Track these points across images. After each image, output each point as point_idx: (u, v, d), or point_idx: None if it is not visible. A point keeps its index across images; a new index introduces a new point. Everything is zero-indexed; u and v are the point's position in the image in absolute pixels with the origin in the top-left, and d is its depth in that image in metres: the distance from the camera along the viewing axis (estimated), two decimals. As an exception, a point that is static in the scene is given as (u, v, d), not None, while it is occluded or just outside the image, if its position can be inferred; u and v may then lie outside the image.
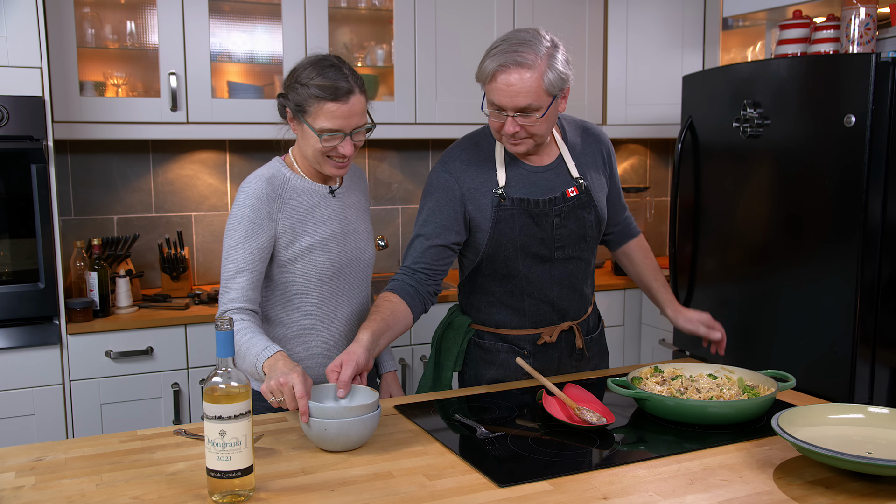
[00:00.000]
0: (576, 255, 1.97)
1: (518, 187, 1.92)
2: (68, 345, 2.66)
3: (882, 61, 2.26)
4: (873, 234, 2.32)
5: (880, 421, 1.52)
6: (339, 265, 1.88)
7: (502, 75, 1.75)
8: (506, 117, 1.79)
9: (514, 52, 1.74)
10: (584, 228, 1.96)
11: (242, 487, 1.32)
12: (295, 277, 1.86)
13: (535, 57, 1.74)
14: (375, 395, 1.61)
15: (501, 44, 1.78)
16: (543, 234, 1.92)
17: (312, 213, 1.86)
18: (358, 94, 1.77)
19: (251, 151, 3.40)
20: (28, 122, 2.52)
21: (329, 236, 1.86)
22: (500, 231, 1.90)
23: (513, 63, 1.74)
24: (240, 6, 3.16)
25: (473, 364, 2.06)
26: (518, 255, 1.92)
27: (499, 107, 1.79)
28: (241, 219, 1.80)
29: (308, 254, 1.84)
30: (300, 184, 1.87)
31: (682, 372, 1.86)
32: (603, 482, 1.39)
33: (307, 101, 1.76)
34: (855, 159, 2.31)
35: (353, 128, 1.78)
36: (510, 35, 1.79)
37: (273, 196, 1.82)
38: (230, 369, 1.32)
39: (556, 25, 3.50)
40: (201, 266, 3.37)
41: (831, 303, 2.41)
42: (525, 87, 1.74)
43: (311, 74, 1.76)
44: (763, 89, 2.61)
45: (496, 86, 1.77)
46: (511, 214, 1.90)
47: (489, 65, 1.77)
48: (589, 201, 1.96)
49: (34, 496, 1.34)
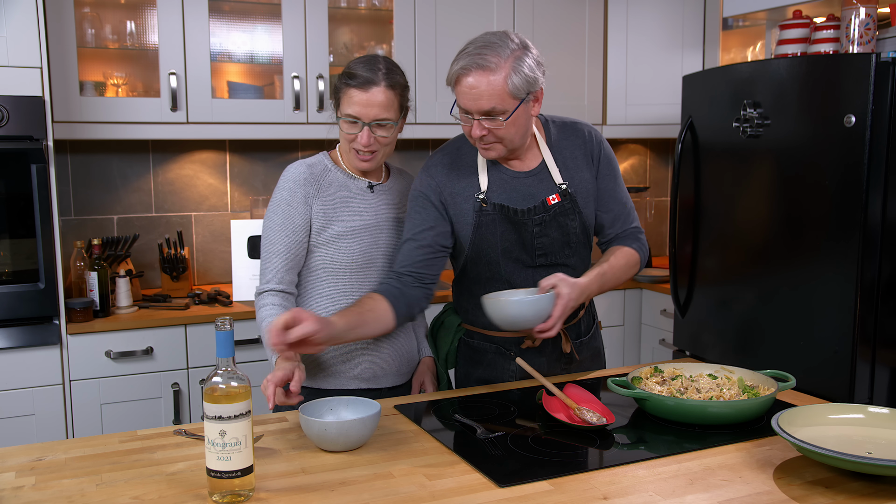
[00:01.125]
0: (560, 262, 1.94)
1: (499, 192, 1.90)
2: (68, 345, 2.66)
3: (882, 61, 2.26)
4: (873, 234, 2.32)
5: (880, 421, 1.52)
6: (369, 256, 1.93)
7: (466, 78, 1.74)
8: (472, 120, 1.78)
9: (478, 54, 1.72)
10: (567, 235, 1.93)
11: (242, 487, 1.32)
12: (325, 263, 1.92)
13: (498, 59, 1.72)
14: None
15: (468, 46, 1.77)
16: (524, 241, 1.90)
17: (348, 203, 1.93)
18: (382, 87, 1.84)
19: (251, 151, 3.40)
20: (28, 122, 2.52)
21: (362, 227, 1.92)
22: (482, 236, 1.89)
23: (475, 66, 1.72)
24: (240, 6, 3.16)
25: (463, 363, 2.07)
26: (500, 260, 1.91)
27: (465, 110, 1.78)
28: (280, 202, 1.90)
29: (338, 240, 1.90)
30: (339, 175, 1.95)
31: (682, 372, 1.86)
32: (603, 482, 1.39)
33: (339, 88, 1.88)
34: (855, 159, 2.31)
35: (371, 119, 1.84)
36: (478, 38, 1.77)
37: (311, 181, 1.90)
38: (230, 369, 1.32)
39: (556, 25, 3.50)
40: (201, 266, 3.37)
41: (831, 303, 2.41)
42: (488, 91, 1.72)
43: (348, 66, 1.88)
44: (763, 89, 2.61)
45: (460, 89, 1.76)
46: (492, 220, 1.88)
47: (453, 68, 1.77)
48: (573, 208, 1.91)
49: (34, 496, 1.34)
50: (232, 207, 3.40)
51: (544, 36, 3.48)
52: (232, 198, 3.39)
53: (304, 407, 1.58)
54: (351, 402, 1.64)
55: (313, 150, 3.48)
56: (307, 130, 3.14)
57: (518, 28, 3.41)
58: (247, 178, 3.41)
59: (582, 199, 1.93)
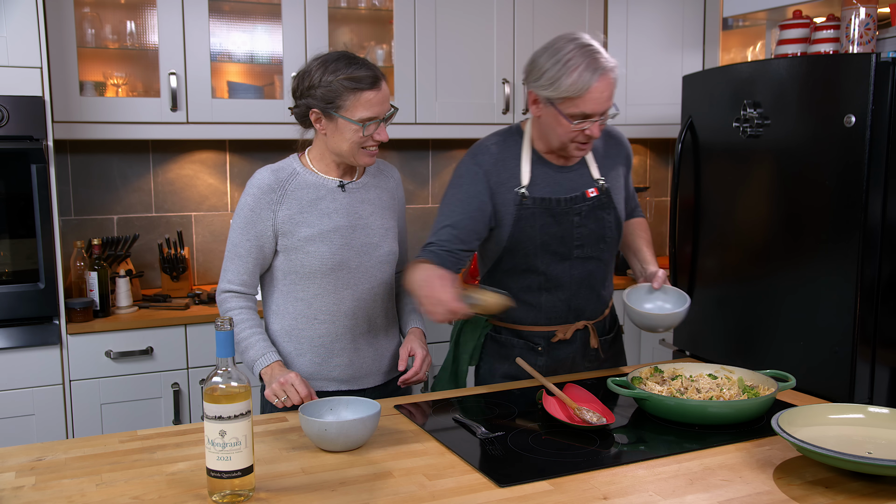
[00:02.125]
0: (595, 256, 2.01)
1: (541, 186, 1.96)
2: (68, 345, 2.66)
3: (882, 61, 2.26)
4: (873, 234, 2.32)
5: (880, 421, 1.52)
6: (341, 258, 1.90)
7: (597, 83, 1.80)
8: (591, 124, 1.85)
9: (598, 59, 1.80)
10: (603, 229, 2.00)
11: (242, 487, 1.32)
12: (296, 267, 1.90)
13: (609, 59, 1.85)
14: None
15: (574, 56, 1.80)
16: (563, 232, 1.96)
17: (316, 205, 1.89)
18: (383, 81, 1.85)
19: (251, 151, 3.40)
20: (28, 122, 2.52)
21: (332, 228, 1.89)
22: (521, 228, 1.94)
23: (604, 70, 1.81)
24: (240, 6, 3.16)
25: (488, 358, 2.10)
26: (538, 252, 1.96)
27: (586, 116, 1.83)
28: (244, 206, 1.89)
29: (307, 244, 1.87)
30: (307, 177, 1.92)
31: (682, 372, 1.86)
32: (603, 482, 1.39)
33: (342, 94, 1.81)
34: (855, 159, 2.31)
35: (385, 113, 1.85)
36: (573, 45, 1.81)
37: (275, 187, 1.88)
38: (230, 369, 1.32)
39: (556, 25, 3.50)
40: (201, 266, 3.37)
41: (831, 303, 2.41)
42: (611, 91, 1.85)
43: (339, 68, 1.81)
44: (763, 89, 2.61)
45: (591, 96, 1.81)
46: (532, 213, 1.94)
47: (583, 77, 1.78)
48: (609, 202, 2.01)
49: (34, 496, 1.34)
50: (232, 207, 3.39)
51: (544, 36, 3.45)
52: (232, 198, 3.39)
53: (304, 407, 1.58)
54: (351, 402, 1.64)
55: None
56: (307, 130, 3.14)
57: (518, 28, 3.41)
58: (247, 178, 3.38)
59: (616, 195, 2.04)
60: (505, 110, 3.42)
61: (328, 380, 1.95)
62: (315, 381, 1.94)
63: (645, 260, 2.11)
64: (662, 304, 2.01)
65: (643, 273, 2.09)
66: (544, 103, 1.87)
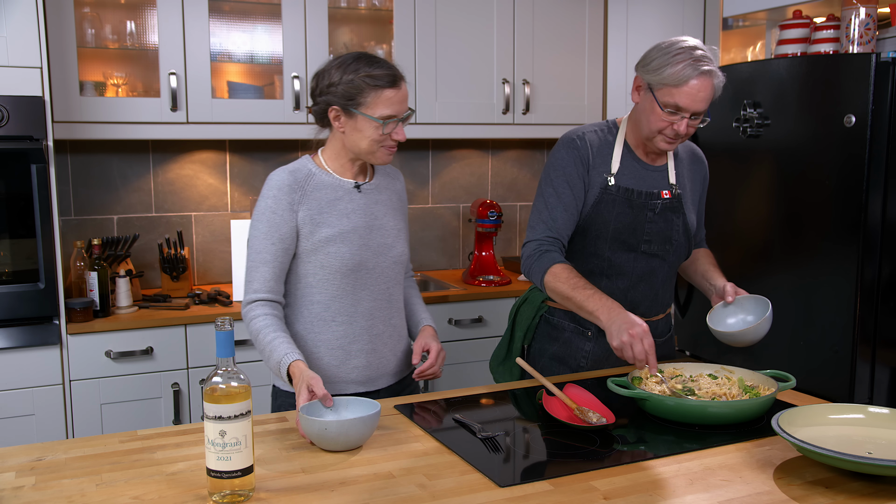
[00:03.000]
0: (659, 254, 2.07)
1: (627, 177, 2.05)
2: (68, 345, 2.66)
3: (882, 61, 2.26)
4: (873, 234, 2.32)
5: (880, 421, 1.52)
6: (360, 258, 1.90)
7: (696, 81, 1.88)
8: (681, 119, 1.91)
9: (703, 60, 1.88)
10: (671, 230, 2.07)
11: (242, 487, 1.32)
12: (315, 269, 1.89)
13: (716, 69, 1.91)
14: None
15: (683, 52, 1.89)
16: (636, 224, 2.03)
17: (335, 205, 1.90)
18: (403, 80, 1.88)
19: (251, 151, 3.40)
20: (28, 122, 2.52)
21: (350, 229, 1.89)
22: (598, 211, 2.03)
23: (706, 71, 1.88)
24: (240, 6, 3.16)
25: (540, 338, 2.18)
26: (607, 238, 2.04)
27: (678, 108, 1.90)
28: (264, 210, 1.87)
29: (327, 245, 1.87)
30: (324, 178, 1.92)
31: (682, 372, 1.86)
32: (603, 482, 1.39)
33: (363, 91, 1.83)
34: (855, 159, 2.31)
35: (405, 112, 1.87)
36: (687, 43, 1.91)
37: (295, 187, 1.88)
38: (230, 369, 1.32)
39: (556, 25, 3.50)
40: (201, 266, 3.37)
41: (831, 303, 2.41)
42: (708, 94, 1.91)
43: (360, 66, 1.84)
44: (763, 89, 2.61)
45: (686, 90, 1.88)
46: (613, 200, 2.03)
47: (686, 70, 1.87)
48: (679, 207, 2.08)
49: (34, 496, 1.34)
50: (232, 207, 3.40)
51: (544, 36, 3.48)
52: (232, 198, 3.39)
53: (304, 407, 1.58)
54: (351, 401, 1.64)
55: (313, 151, 3.48)
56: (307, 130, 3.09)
57: (518, 28, 3.41)
58: (247, 178, 3.41)
59: (687, 204, 2.12)
60: (505, 110, 3.42)
61: (346, 382, 1.94)
62: (333, 384, 1.92)
63: (712, 277, 2.14)
64: (745, 316, 2.01)
65: (713, 289, 2.12)
66: (645, 89, 1.97)
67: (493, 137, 3.64)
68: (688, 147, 2.19)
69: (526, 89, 3.44)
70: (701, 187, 2.20)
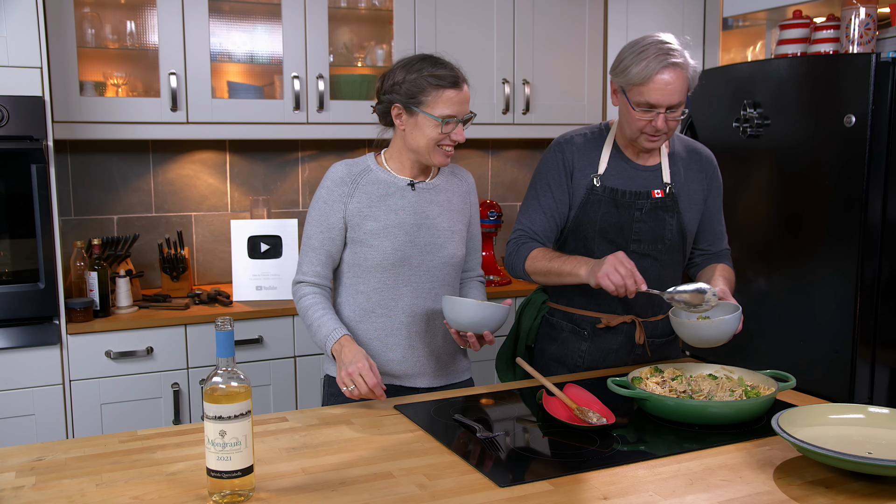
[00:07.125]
0: (651, 254, 2.06)
1: (614, 177, 2.05)
2: (68, 345, 2.66)
3: (882, 61, 2.26)
4: (873, 234, 2.32)
5: (880, 421, 1.52)
6: (403, 254, 1.94)
7: (661, 75, 1.87)
8: (657, 115, 1.91)
9: (669, 53, 1.87)
10: (662, 230, 2.05)
11: (242, 487, 1.32)
12: (359, 259, 1.96)
13: (684, 59, 1.90)
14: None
15: (648, 48, 1.88)
16: (622, 223, 2.04)
17: (384, 201, 1.95)
18: (466, 84, 1.91)
19: (251, 151, 3.40)
20: (28, 122, 2.52)
21: (396, 224, 1.94)
22: (585, 212, 2.05)
23: (671, 64, 1.87)
24: (240, 6, 3.16)
25: (542, 339, 2.20)
26: (595, 237, 2.05)
27: (652, 105, 1.89)
28: (318, 199, 1.98)
29: (372, 237, 1.93)
30: (380, 174, 1.98)
31: (682, 372, 1.86)
32: (603, 482, 1.39)
33: (425, 90, 1.87)
34: (855, 159, 2.31)
35: (465, 114, 1.90)
36: (651, 39, 1.90)
37: (347, 180, 1.96)
38: (230, 369, 1.32)
39: (556, 25, 3.50)
40: (201, 266, 3.37)
41: (831, 303, 2.41)
42: (679, 86, 1.89)
43: (424, 67, 1.89)
44: (763, 89, 2.61)
45: (654, 86, 1.87)
46: (599, 200, 2.04)
47: (649, 66, 1.86)
48: (673, 206, 2.06)
49: (34, 496, 1.34)
50: (232, 207, 3.40)
51: (544, 36, 3.48)
52: (232, 198, 3.39)
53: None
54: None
55: (313, 150, 3.49)
56: (307, 130, 3.14)
57: (518, 28, 3.42)
58: (247, 178, 3.41)
59: (684, 203, 2.08)
60: (505, 110, 3.42)
61: (383, 373, 1.97)
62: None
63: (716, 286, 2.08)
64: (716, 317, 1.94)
65: None
66: (619, 92, 1.97)
67: (492, 137, 3.64)
68: (689, 146, 2.16)
69: (526, 89, 3.44)
70: (705, 187, 2.14)
